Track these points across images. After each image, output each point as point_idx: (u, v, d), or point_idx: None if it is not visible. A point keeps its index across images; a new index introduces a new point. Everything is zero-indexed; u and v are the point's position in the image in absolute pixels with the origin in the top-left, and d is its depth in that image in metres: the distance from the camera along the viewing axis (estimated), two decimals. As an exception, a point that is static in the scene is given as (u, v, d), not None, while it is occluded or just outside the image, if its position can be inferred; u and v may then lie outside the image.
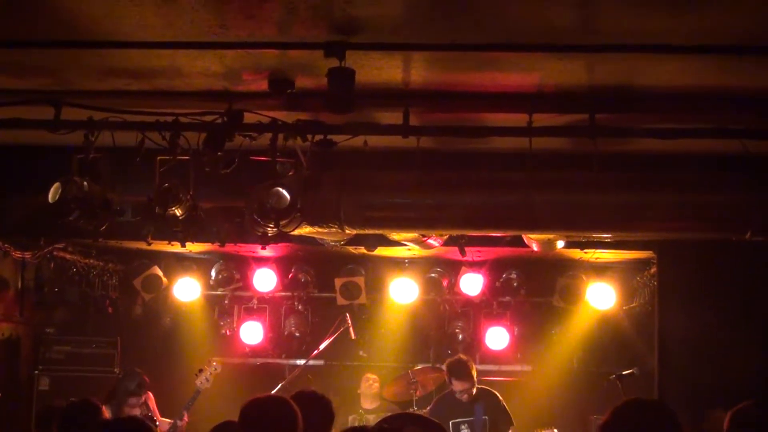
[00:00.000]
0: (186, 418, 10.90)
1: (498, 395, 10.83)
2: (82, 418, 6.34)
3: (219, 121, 7.73)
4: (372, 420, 11.44)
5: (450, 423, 10.50)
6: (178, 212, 8.31)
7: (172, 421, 10.88)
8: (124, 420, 5.13)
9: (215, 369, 11.27)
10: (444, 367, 10.97)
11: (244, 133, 7.80)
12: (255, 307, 13.39)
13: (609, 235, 9.34)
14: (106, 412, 10.62)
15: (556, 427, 10.84)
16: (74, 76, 7.52)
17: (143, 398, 10.96)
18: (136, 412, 10.97)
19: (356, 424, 11.21)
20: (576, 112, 7.83)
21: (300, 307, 13.36)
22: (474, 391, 10.67)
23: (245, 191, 8.24)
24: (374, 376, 12.31)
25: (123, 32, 6.57)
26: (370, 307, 13.10)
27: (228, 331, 13.44)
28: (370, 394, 12.18)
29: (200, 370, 11.20)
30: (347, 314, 12.31)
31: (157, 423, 10.81)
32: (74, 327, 12.72)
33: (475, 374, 10.71)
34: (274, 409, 5.54)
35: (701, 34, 6.38)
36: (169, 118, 7.78)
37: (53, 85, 7.69)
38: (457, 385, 10.66)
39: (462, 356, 11.11)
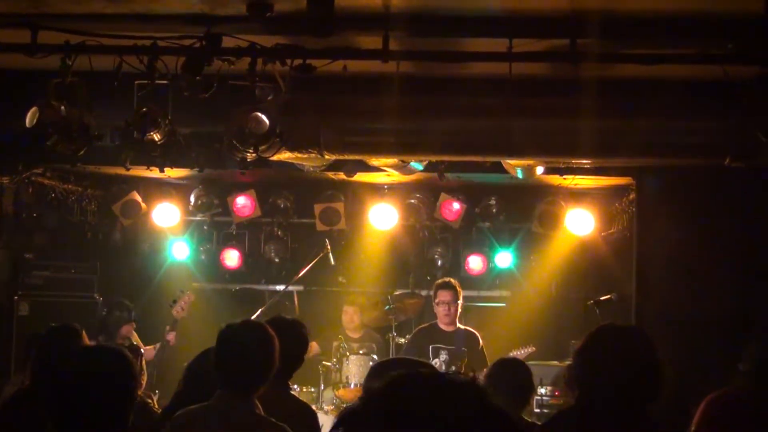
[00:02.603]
0: (172, 337, 10.99)
1: (479, 337, 10.88)
2: (63, 342, 6.33)
3: (197, 45, 7.69)
4: (356, 348, 11.50)
5: (430, 347, 10.58)
6: (156, 137, 8.28)
7: (158, 344, 10.97)
8: (105, 348, 5.11)
9: (189, 297, 11.31)
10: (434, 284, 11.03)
11: (222, 57, 7.76)
12: (234, 232, 13.39)
13: (588, 161, 9.36)
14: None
15: (534, 352, 10.94)
16: (51, -1, 7.45)
17: (133, 325, 11.07)
18: (134, 337, 11.05)
19: (339, 355, 11.27)
20: (557, 37, 7.81)
21: (279, 232, 13.36)
22: (457, 313, 10.71)
23: (224, 116, 8.21)
24: (353, 308, 12.27)
25: (99, -46, 6.50)
26: (350, 233, 13.11)
27: (207, 257, 13.45)
28: (353, 326, 12.18)
29: (174, 301, 11.24)
30: (327, 240, 12.33)
31: (143, 351, 10.94)
32: (53, 252, 12.69)
33: (460, 298, 10.75)
34: (250, 335, 5.53)
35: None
36: (147, 42, 7.74)
37: (29, 8, 7.60)
38: (441, 296, 10.70)
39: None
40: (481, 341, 10.87)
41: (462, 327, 10.87)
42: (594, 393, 4.34)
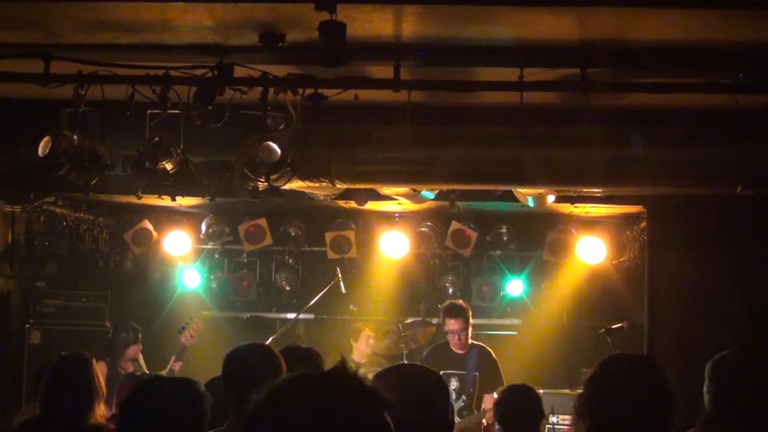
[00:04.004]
0: (177, 367, 11.00)
1: (492, 353, 10.79)
2: (73, 371, 6.33)
3: (209, 74, 7.72)
4: (363, 373, 11.41)
5: (441, 373, 10.50)
6: (168, 166, 8.31)
7: (167, 369, 11.00)
8: (177, 380, 5.13)
9: (198, 325, 11.33)
10: (440, 306, 10.96)
11: (234, 86, 7.79)
12: (245, 260, 13.40)
13: (599, 190, 9.36)
14: (103, 367, 10.78)
15: (545, 380, 10.89)
16: (64, 30, 7.48)
17: (140, 347, 11.14)
18: (140, 360, 11.12)
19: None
20: (567, 66, 7.82)
21: (290, 261, 13.37)
22: (468, 338, 10.62)
23: (236, 145, 8.24)
24: (373, 334, 12.16)
25: (112, -16, 6.54)
26: (361, 261, 13.10)
27: (218, 285, 13.46)
28: (367, 352, 12.09)
29: (182, 327, 11.27)
30: (338, 268, 12.32)
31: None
32: (64, 281, 12.72)
33: (470, 319, 10.66)
34: (255, 354, 5.55)
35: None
36: (160, 72, 7.77)
37: (42, 38, 7.65)
38: (450, 324, 10.56)
39: (460, 301, 11.14)
40: (493, 355, 10.78)
41: (475, 344, 10.77)
42: (605, 423, 4.32)
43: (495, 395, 10.19)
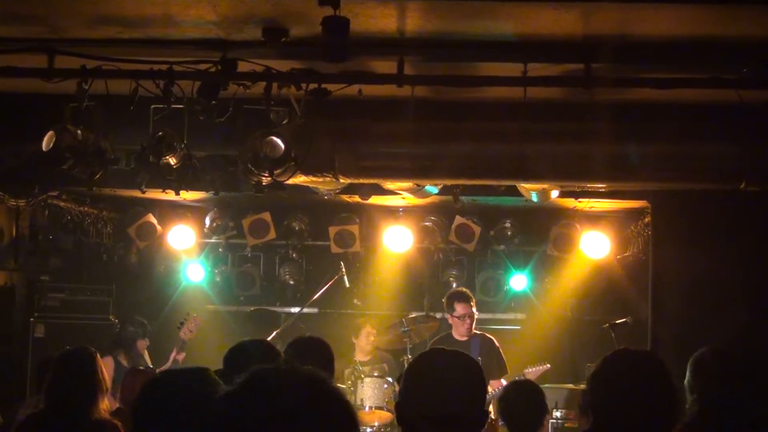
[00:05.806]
0: (181, 358, 11.06)
1: (495, 341, 10.84)
2: (77, 365, 6.34)
3: (213, 69, 7.71)
4: (368, 371, 11.47)
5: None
6: (172, 161, 8.32)
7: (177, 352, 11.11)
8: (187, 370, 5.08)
9: (196, 319, 11.36)
10: (444, 298, 10.98)
11: (238, 81, 7.79)
12: (249, 254, 13.41)
13: (603, 185, 9.35)
14: (110, 362, 10.81)
15: (549, 375, 10.89)
16: (67, 24, 7.48)
17: (147, 342, 11.17)
18: (146, 356, 11.14)
19: (353, 378, 11.23)
20: (571, 61, 7.81)
21: (294, 255, 13.39)
22: (474, 324, 10.67)
23: (239, 140, 8.24)
24: (374, 330, 12.20)
25: (116, -21, 6.54)
26: (365, 256, 13.12)
27: (222, 279, 13.48)
28: (368, 348, 12.11)
29: (181, 323, 11.29)
30: (341, 262, 12.33)
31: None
32: (69, 275, 12.76)
33: (475, 306, 10.72)
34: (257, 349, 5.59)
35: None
36: (163, 67, 7.77)
37: (46, 33, 7.64)
38: (460, 309, 10.60)
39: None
40: (496, 343, 10.82)
41: (477, 333, 10.81)
42: (608, 418, 4.33)
43: (503, 381, 10.23)
